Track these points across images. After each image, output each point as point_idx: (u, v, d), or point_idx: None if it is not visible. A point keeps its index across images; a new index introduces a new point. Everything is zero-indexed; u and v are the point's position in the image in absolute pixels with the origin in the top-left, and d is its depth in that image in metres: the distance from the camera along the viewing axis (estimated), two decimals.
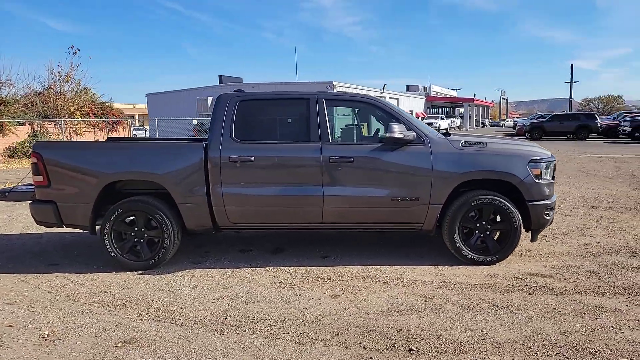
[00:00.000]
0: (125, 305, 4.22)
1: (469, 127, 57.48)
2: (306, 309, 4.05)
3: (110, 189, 5.17)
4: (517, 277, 4.71)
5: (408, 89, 57.37)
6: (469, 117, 59.35)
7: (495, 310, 3.93)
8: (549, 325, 3.63)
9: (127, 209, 5.10)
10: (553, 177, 5.21)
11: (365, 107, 5.32)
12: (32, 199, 5.33)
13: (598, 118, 31.72)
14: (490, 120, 78.75)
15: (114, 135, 30.09)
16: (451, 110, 66.29)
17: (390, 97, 45.93)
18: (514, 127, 48.25)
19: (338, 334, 3.55)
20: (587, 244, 5.85)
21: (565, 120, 30.93)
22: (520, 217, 5.01)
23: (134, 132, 41.03)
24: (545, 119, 33.10)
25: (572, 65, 63.39)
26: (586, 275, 4.74)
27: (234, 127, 5.11)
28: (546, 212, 5.09)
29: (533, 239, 5.25)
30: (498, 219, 5.09)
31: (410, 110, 51.06)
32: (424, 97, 57.26)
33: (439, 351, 3.26)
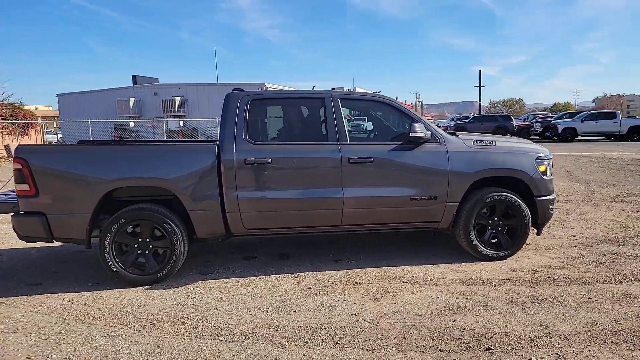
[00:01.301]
0: (154, 324, 3.83)
1: None
2: (355, 314, 3.91)
3: (107, 197, 4.68)
4: (534, 270, 4.87)
5: (333, 89, 58.13)
6: None
7: (539, 303, 4.03)
8: (597, 314, 3.78)
9: (130, 218, 4.63)
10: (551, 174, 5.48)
11: (380, 106, 5.25)
12: (14, 211, 4.69)
13: (514, 120, 34.10)
14: None
15: (26, 140, 27.53)
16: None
17: None
18: None
19: (405, 339, 3.46)
20: (573, 236, 6.21)
21: (485, 122, 32.91)
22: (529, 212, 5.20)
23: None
24: (467, 120, 35.08)
25: (480, 70, 67.61)
26: (594, 265, 5.02)
27: (247, 128, 4.83)
28: (550, 207, 5.34)
29: (539, 233, 5.47)
30: (508, 215, 5.23)
31: None
32: None
33: (516, 347, 3.28)
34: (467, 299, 4.17)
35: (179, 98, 39.28)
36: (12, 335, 3.70)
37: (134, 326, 3.80)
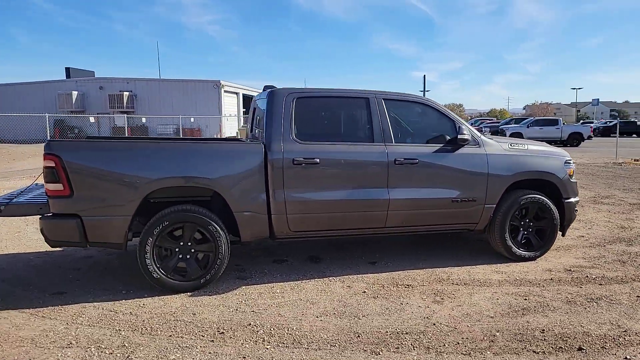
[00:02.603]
0: (223, 333, 3.60)
1: None
2: (427, 317, 3.87)
3: (146, 197, 4.37)
4: (569, 270, 5.05)
5: None
6: None
7: (596, 302, 4.17)
8: None
9: (174, 220, 4.35)
10: None
11: (421, 107, 5.24)
12: (41, 213, 4.27)
13: None
14: None
15: None
16: None
17: None
18: None
19: (492, 342, 3.45)
20: (582, 236, 6.49)
21: None
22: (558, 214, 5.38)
23: None
24: None
25: (424, 76, 69.59)
26: (619, 264, 5.26)
27: (295, 126, 4.67)
28: (575, 209, 5.55)
29: (564, 234, 5.66)
30: (539, 216, 5.38)
31: None
32: None
33: (604, 347, 3.36)
34: (525, 299, 4.24)
35: (127, 93, 37.60)
36: (69, 350, 3.36)
37: (203, 336, 3.56)
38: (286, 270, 5.10)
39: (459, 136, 4.88)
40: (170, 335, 3.57)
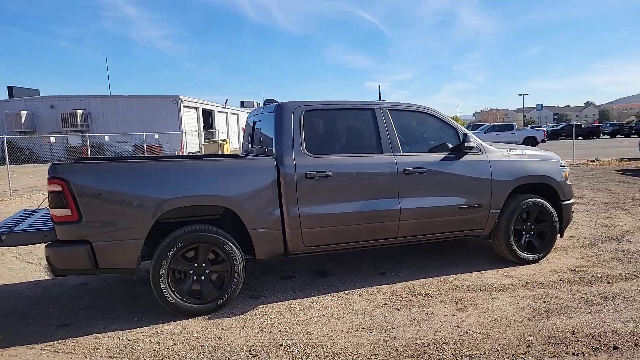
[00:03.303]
0: (256, 356, 3.48)
1: None
2: (457, 326, 3.86)
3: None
4: (574, 270, 5.19)
5: (243, 104, 57.53)
6: None
7: (612, 301, 4.29)
8: None
9: (189, 241, 4.18)
10: None
11: (424, 117, 5.28)
12: (46, 241, 4.01)
13: None
14: None
15: None
16: None
17: (231, 113, 45.57)
18: None
19: (529, 346, 3.48)
20: (572, 236, 6.70)
21: None
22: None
23: None
24: None
25: (379, 86, 70.90)
26: (617, 261, 5.45)
27: (305, 140, 4.61)
28: (572, 210, 5.73)
29: (562, 235, 5.82)
30: (539, 219, 5.52)
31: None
32: None
33: (638, 344, 3.45)
34: (544, 302, 4.32)
35: (81, 111, 36.37)
36: None
37: None
38: (297, 286, 5.00)
39: (466, 143, 4.95)
40: None
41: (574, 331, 3.69)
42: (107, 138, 25.62)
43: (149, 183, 4.09)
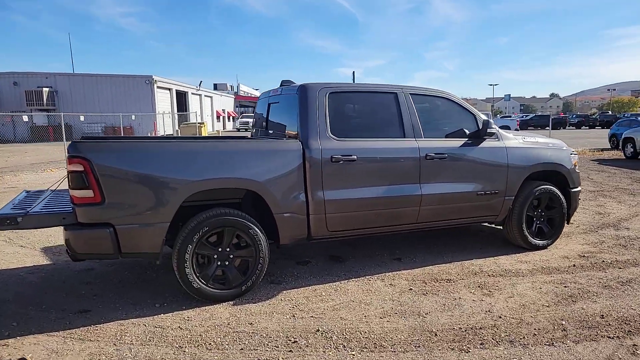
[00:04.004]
0: (296, 342, 3.41)
1: None
2: (488, 311, 3.89)
3: None
4: (584, 256, 5.31)
5: (216, 87, 56.43)
6: None
7: (629, 285, 4.40)
8: None
9: (214, 225, 4.05)
10: None
11: (444, 102, 5.25)
12: (66, 223, 3.81)
13: None
14: None
15: None
16: (252, 110, 67.25)
17: (205, 95, 44.68)
18: None
19: (564, 330, 3.54)
20: (572, 223, 6.84)
21: None
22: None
23: None
24: None
25: (353, 72, 70.83)
26: (622, 247, 5.61)
27: (330, 122, 4.52)
28: (578, 198, 5.85)
29: (569, 222, 5.93)
30: (549, 206, 5.61)
31: (223, 109, 50.51)
32: (233, 97, 57.16)
33: None
34: (565, 287, 4.40)
35: (47, 89, 34.93)
36: None
37: (277, 347, 3.34)
38: (316, 271, 4.94)
39: (488, 130, 4.96)
40: (242, 349, 3.32)
41: (602, 315, 3.77)
42: (82, 118, 24.69)
43: (178, 164, 3.93)
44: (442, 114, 5.22)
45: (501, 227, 5.68)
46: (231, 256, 4.19)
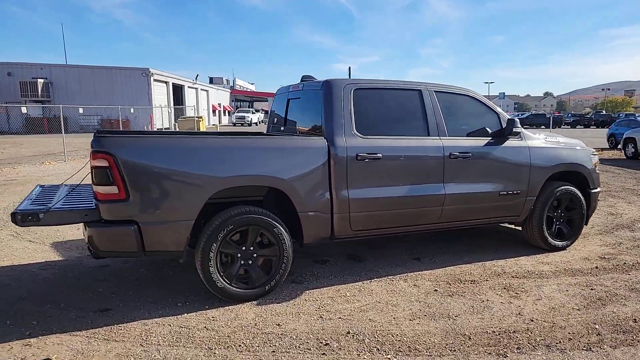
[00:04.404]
0: (328, 344, 3.33)
1: None
2: (519, 314, 3.83)
3: None
4: (604, 258, 5.26)
5: (212, 81, 56.08)
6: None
7: None
8: None
9: (239, 224, 3.95)
10: None
11: (467, 100, 5.16)
12: (86, 220, 3.69)
13: None
14: None
15: None
16: (249, 104, 67.02)
17: (202, 89, 44.38)
18: None
19: (598, 335, 3.48)
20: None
21: None
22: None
23: None
24: None
25: (349, 68, 71.12)
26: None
27: (355, 119, 4.43)
28: (597, 199, 5.81)
29: (587, 223, 5.88)
30: (569, 207, 5.56)
31: (219, 103, 50.22)
32: (229, 91, 56.81)
33: None
34: (591, 289, 4.35)
35: (42, 80, 34.51)
36: None
37: (309, 349, 3.27)
38: (335, 271, 4.86)
39: (514, 129, 4.89)
40: (274, 351, 3.23)
41: (635, 319, 3.72)
42: (81, 110, 24.38)
43: (205, 160, 3.83)
44: (466, 112, 5.13)
45: (520, 228, 5.62)
46: (255, 255, 4.10)
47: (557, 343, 3.35)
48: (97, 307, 3.97)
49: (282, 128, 5.42)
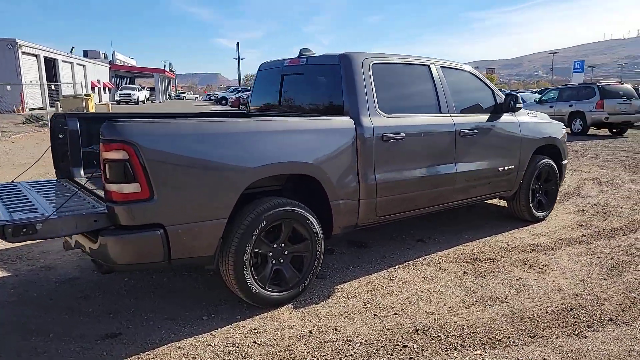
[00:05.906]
0: (406, 347, 3.03)
1: (161, 100, 55.02)
2: (560, 290, 3.84)
3: None
4: (582, 225, 5.58)
5: (86, 54, 50.60)
6: (160, 88, 56.45)
7: None
8: None
9: (273, 219, 3.44)
10: None
11: (465, 76, 5.05)
12: (99, 227, 2.93)
13: None
14: (175, 93, 78.18)
15: None
16: (130, 80, 61.94)
17: (78, 63, 39.98)
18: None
19: None
20: None
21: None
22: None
23: None
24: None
25: (238, 43, 68.74)
26: (604, 215, 6.01)
27: (377, 96, 4.08)
28: (565, 170, 6.13)
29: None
30: (547, 179, 5.79)
31: (98, 80, 45.77)
32: (109, 66, 51.87)
33: None
34: (599, 258, 4.54)
35: None
36: None
37: (391, 354, 2.95)
38: (349, 260, 4.54)
39: (517, 105, 4.89)
40: None
41: None
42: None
43: (238, 148, 3.23)
44: (467, 89, 5.02)
45: (505, 202, 5.73)
46: (285, 252, 3.61)
47: (616, 317, 3.40)
48: (101, 332, 3.22)
49: (273, 108, 4.86)
